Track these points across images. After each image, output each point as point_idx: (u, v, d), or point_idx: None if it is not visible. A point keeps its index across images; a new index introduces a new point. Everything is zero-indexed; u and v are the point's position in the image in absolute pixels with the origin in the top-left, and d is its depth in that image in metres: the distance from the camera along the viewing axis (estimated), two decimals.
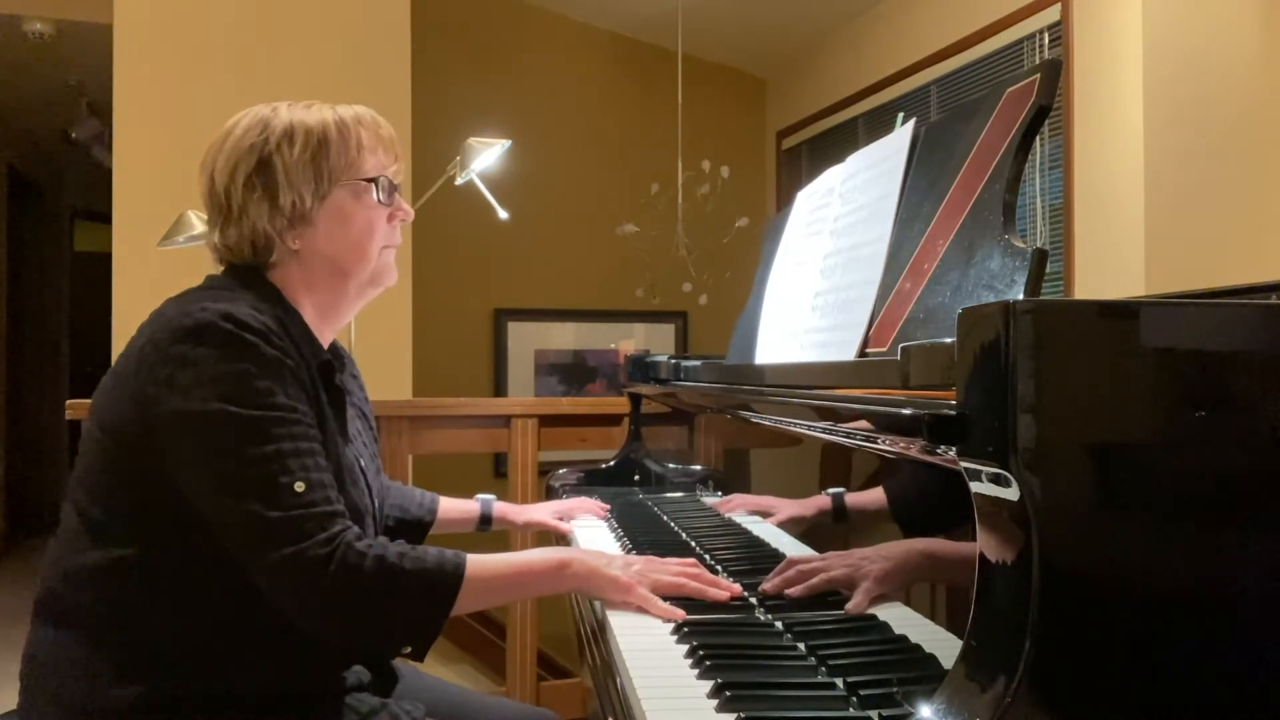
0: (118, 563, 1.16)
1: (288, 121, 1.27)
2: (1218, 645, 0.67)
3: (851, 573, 1.02)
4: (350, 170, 1.29)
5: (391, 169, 1.35)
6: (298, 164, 1.26)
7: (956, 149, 1.14)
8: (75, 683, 1.15)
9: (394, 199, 1.35)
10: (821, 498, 1.18)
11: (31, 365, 6.94)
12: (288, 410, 1.14)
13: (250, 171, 1.26)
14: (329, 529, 1.11)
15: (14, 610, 4.32)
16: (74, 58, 4.86)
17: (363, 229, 1.30)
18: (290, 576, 1.11)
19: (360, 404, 1.46)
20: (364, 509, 1.28)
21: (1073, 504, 0.67)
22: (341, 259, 1.30)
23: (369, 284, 1.35)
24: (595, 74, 5.09)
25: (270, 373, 1.14)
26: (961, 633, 0.72)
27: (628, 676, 1.00)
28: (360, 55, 3.83)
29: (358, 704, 1.23)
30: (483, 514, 1.77)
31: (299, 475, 1.12)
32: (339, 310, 1.35)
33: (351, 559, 1.11)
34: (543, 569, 1.25)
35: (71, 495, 1.22)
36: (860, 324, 1.19)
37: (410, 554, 1.16)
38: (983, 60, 3.72)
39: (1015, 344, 0.66)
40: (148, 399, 1.15)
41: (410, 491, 1.73)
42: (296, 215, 1.27)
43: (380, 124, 1.34)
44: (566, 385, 5.02)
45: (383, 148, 1.33)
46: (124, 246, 3.57)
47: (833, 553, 1.10)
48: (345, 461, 1.26)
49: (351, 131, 1.30)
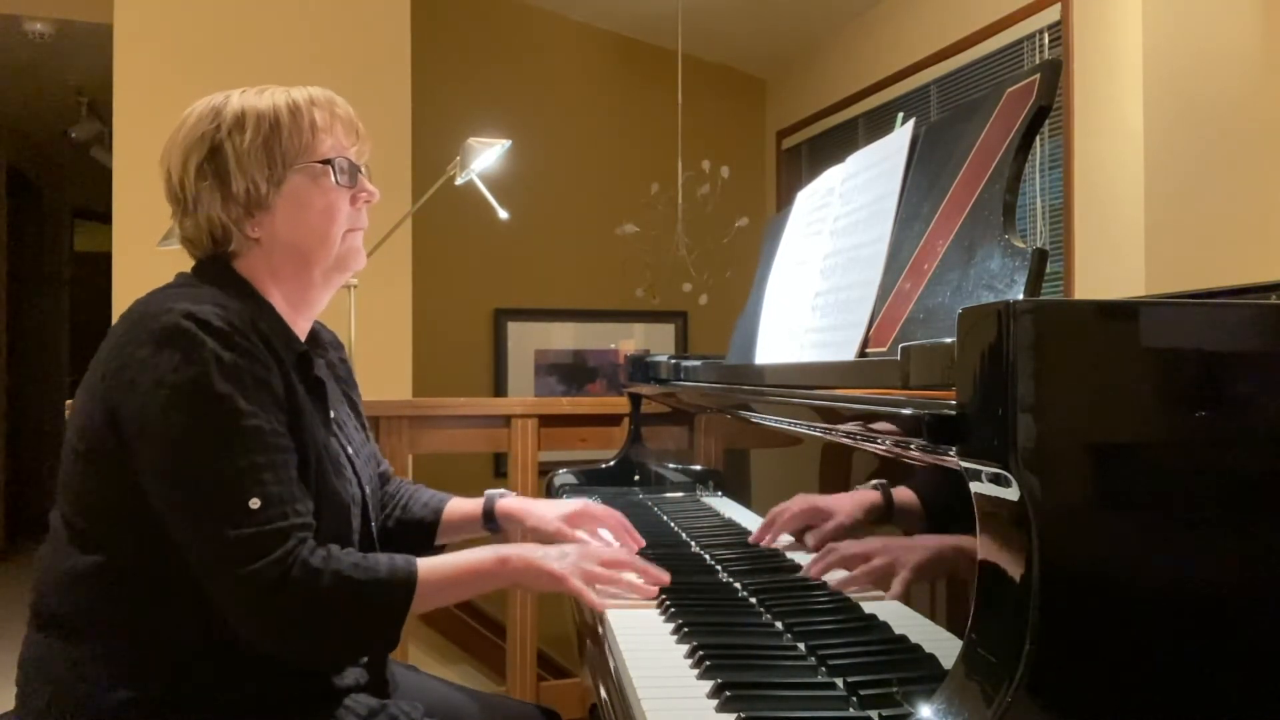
0: (103, 568, 1.15)
1: (239, 108, 1.25)
2: (1217, 645, 0.67)
3: (891, 561, 0.99)
4: (305, 153, 1.26)
5: (353, 150, 1.31)
6: (249, 150, 1.23)
7: (956, 149, 1.14)
8: (68, 687, 1.15)
9: (357, 180, 1.31)
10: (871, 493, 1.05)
11: (31, 366, 6.94)
12: (247, 416, 1.12)
13: (201, 160, 1.24)
14: (283, 546, 1.10)
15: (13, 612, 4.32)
16: (74, 58, 4.86)
17: (322, 213, 1.27)
18: (244, 596, 1.10)
19: (348, 389, 1.44)
20: (351, 499, 1.27)
21: (1073, 504, 0.67)
22: (303, 245, 1.27)
23: (335, 269, 1.31)
24: (595, 74, 5.09)
25: (230, 376, 1.12)
26: (961, 633, 0.72)
27: (628, 676, 1.00)
28: (360, 55, 3.83)
29: (356, 705, 1.23)
30: (485, 509, 1.57)
31: (254, 491, 1.10)
32: (308, 298, 1.32)
33: (307, 575, 1.10)
34: (486, 568, 1.25)
35: (57, 500, 1.21)
36: (860, 324, 1.19)
37: (363, 564, 1.15)
38: (983, 60, 3.72)
39: (1015, 344, 0.66)
40: (112, 404, 1.14)
41: (418, 491, 1.64)
42: (252, 202, 1.24)
43: (336, 102, 1.30)
44: (566, 385, 5.02)
45: (341, 127, 1.29)
46: (124, 246, 3.58)
47: (873, 539, 1.03)
48: (330, 452, 1.25)
49: (304, 113, 1.26)
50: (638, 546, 1.51)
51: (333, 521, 1.22)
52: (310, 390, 1.25)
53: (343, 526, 1.25)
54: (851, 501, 1.05)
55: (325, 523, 1.20)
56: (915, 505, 0.91)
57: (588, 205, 4.95)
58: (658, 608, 1.22)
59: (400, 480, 1.64)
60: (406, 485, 1.62)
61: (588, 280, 4.99)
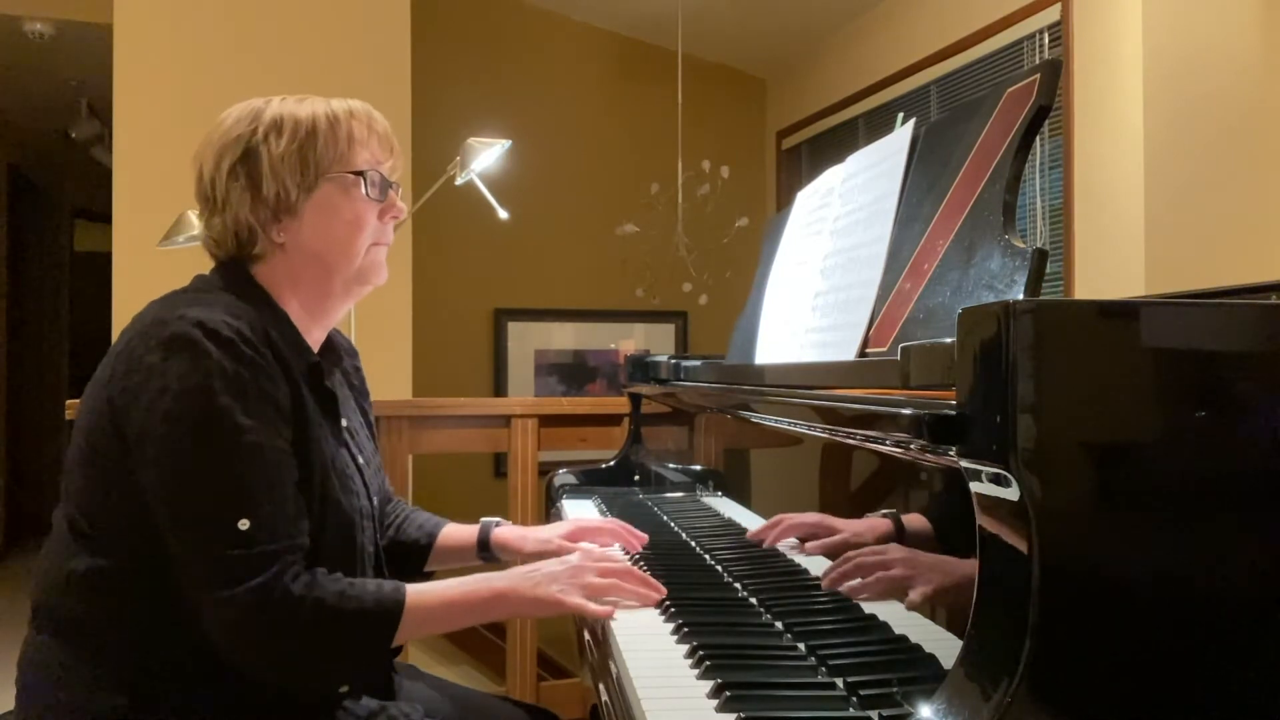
0: (104, 570, 1.15)
1: (278, 113, 1.25)
2: (1217, 644, 0.67)
3: (910, 574, 0.98)
4: (339, 163, 1.26)
5: (386, 165, 1.32)
6: (284, 155, 1.23)
7: (956, 149, 1.14)
8: (67, 688, 1.15)
9: (387, 195, 1.31)
10: (879, 520, 1.05)
11: (31, 365, 6.94)
12: (247, 432, 1.11)
13: (235, 161, 1.24)
14: (268, 571, 1.09)
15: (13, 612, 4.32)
16: (74, 58, 4.86)
17: (350, 223, 1.27)
18: (223, 618, 1.10)
19: (360, 400, 1.44)
20: (359, 511, 1.27)
21: (1073, 503, 0.66)
22: (326, 254, 1.27)
23: (355, 281, 1.31)
24: (595, 74, 5.09)
25: (233, 388, 1.11)
26: (961, 633, 0.72)
27: (628, 676, 1.00)
28: (360, 55, 3.83)
29: (355, 707, 1.23)
30: (480, 539, 1.55)
31: (246, 511, 1.09)
32: (326, 308, 1.32)
33: (288, 603, 1.09)
34: (478, 600, 1.22)
35: (61, 499, 1.21)
36: (860, 324, 1.19)
37: (349, 593, 1.14)
38: (983, 60, 3.72)
39: (1015, 344, 0.66)
40: (117, 408, 1.14)
41: (414, 513, 1.61)
42: (281, 207, 1.24)
43: (375, 118, 1.31)
44: (566, 385, 5.02)
45: (377, 141, 1.30)
46: (124, 246, 3.57)
47: (894, 547, 1.01)
48: (337, 465, 1.24)
49: (343, 124, 1.27)
50: (641, 544, 1.52)
51: (338, 535, 1.22)
52: (321, 401, 1.25)
53: (349, 540, 1.24)
54: (864, 525, 1.04)
55: (331, 536, 1.20)
56: (928, 532, 0.90)
57: (588, 205, 4.95)
58: (658, 608, 1.22)
59: (399, 500, 1.63)
60: (403, 506, 1.61)
61: (588, 280, 4.99)
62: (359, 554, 1.26)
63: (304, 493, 1.17)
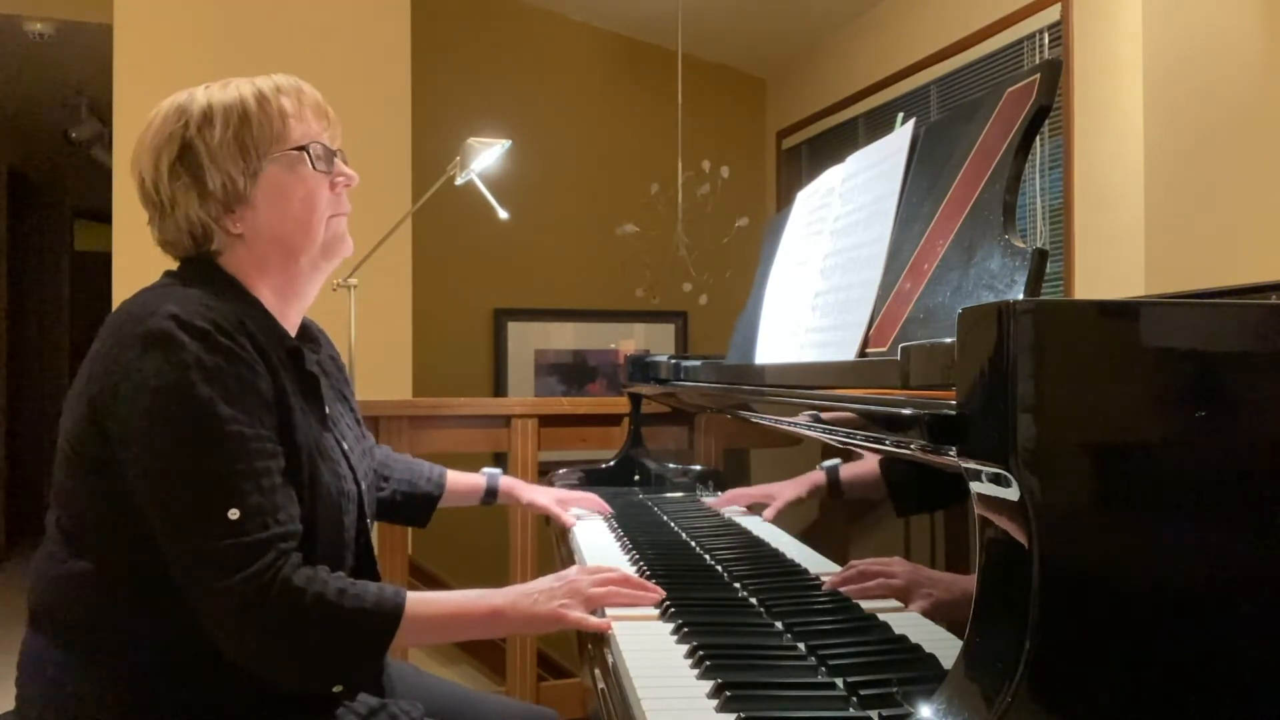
0: (95, 573, 1.15)
1: (204, 102, 1.23)
2: (1217, 644, 0.67)
3: (910, 585, 0.98)
4: (278, 142, 1.24)
5: (325, 135, 1.29)
6: (221, 144, 1.21)
7: (956, 149, 1.14)
8: (65, 689, 1.15)
9: (333, 164, 1.29)
10: (815, 473, 1.19)
11: (31, 365, 6.94)
12: (229, 422, 1.10)
13: (173, 159, 1.22)
14: (263, 559, 1.08)
15: (13, 613, 4.32)
16: (74, 58, 4.86)
17: (303, 201, 1.25)
18: (220, 610, 1.09)
19: (339, 385, 1.43)
20: (347, 494, 1.26)
21: (1072, 504, 0.66)
22: (287, 236, 1.25)
23: (321, 257, 1.29)
24: (595, 74, 5.09)
25: (213, 380, 1.10)
26: (961, 633, 0.72)
27: (628, 676, 1.00)
28: (360, 55, 3.83)
29: (355, 704, 1.22)
30: (488, 488, 1.81)
31: (234, 501, 1.08)
32: (297, 289, 1.30)
33: (288, 594, 1.08)
34: (478, 616, 1.22)
35: (51, 503, 1.21)
36: (860, 324, 1.19)
37: (350, 591, 1.13)
38: (983, 60, 3.72)
39: (1015, 344, 0.66)
40: (98, 408, 1.13)
41: (418, 466, 1.73)
42: (230, 197, 1.22)
43: (304, 89, 1.29)
44: (566, 385, 5.02)
45: (310, 112, 1.28)
46: (124, 246, 3.57)
47: (897, 559, 1.02)
48: (323, 447, 1.23)
49: (272, 101, 1.24)
50: (605, 514, 1.84)
51: (326, 519, 1.21)
52: (303, 386, 1.24)
53: (335, 524, 1.23)
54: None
55: (318, 521, 1.19)
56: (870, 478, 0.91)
57: (588, 205, 4.95)
58: (658, 608, 1.22)
59: (386, 449, 1.67)
60: (402, 458, 1.70)
61: (588, 280, 4.99)
62: (343, 536, 1.25)
63: (291, 479, 1.16)
